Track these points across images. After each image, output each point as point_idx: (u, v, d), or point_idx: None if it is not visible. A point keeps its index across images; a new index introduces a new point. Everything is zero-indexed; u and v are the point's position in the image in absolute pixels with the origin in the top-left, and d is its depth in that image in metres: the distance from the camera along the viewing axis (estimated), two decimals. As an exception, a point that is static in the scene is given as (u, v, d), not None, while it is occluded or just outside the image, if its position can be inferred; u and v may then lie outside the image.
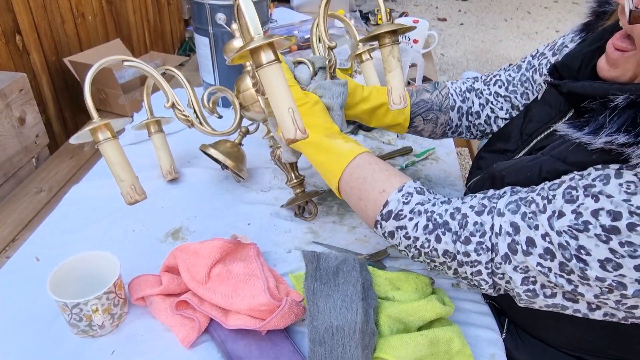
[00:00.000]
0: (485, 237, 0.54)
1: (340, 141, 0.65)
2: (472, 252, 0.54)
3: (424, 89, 0.84)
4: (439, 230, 0.57)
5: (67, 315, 0.60)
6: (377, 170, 0.63)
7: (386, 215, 0.60)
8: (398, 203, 0.60)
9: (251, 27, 0.57)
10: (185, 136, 1.06)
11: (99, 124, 0.61)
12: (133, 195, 0.61)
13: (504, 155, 0.71)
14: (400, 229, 0.59)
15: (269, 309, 0.60)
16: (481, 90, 0.84)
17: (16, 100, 1.38)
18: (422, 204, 0.59)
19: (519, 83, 0.80)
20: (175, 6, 2.99)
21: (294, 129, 0.55)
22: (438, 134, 0.85)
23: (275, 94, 0.56)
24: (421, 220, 0.58)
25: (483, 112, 0.83)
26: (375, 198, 0.61)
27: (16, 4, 1.67)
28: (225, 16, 1.07)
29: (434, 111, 0.82)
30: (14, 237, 1.20)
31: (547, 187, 0.52)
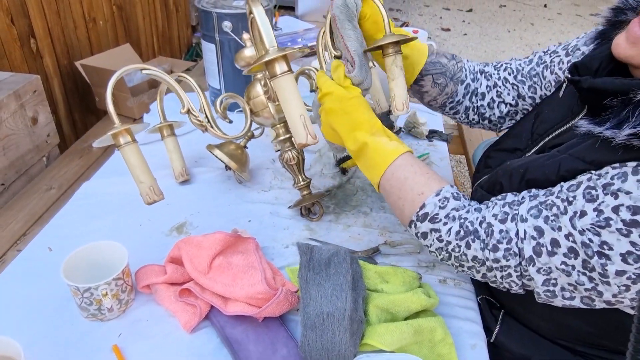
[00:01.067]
0: (512, 244, 0.57)
1: (384, 139, 0.67)
2: (501, 258, 0.58)
3: (444, 54, 0.84)
4: (469, 237, 0.60)
5: (78, 299, 0.64)
6: (417, 172, 0.65)
7: (422, 216, 0.63)
8: (435, 207, 0.63)
9: (266, 40, 0.62)
10: (192, 138, 1.11)
11: (120, 129, 0.65)
12: (152, 196, 0.66)
13: (514, 154, 0.74)
14: (434, 232, 0.63)
15: (265, 297, 0.64)
16: (490, 73, 0.85)
17: (30, 101, 1.44)
18: (457, 209, 0.62)
19: (527, 75, 0.82)
20: (183, 12, 3.06)
21: (305, 134, 0.60)
22: (438, 103, 0.85)
23: (288, 102, 0.61)
24: (454, 225, 0.61)
25: (488, 94, 0.84)
26: (413, 199, 0.64)
27: (31, 9, 1.73)
28: (232, 24, 1.12)
29: (445, 77, 0.82)
30: (24, 232, 1.25)
31: (566, 189, 0.55)
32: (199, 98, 0.82)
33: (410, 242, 0.82)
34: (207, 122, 0.83)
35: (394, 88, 0.72)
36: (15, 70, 1.67)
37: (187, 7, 3.12)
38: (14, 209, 1.33)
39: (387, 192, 0.68)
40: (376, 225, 0.87)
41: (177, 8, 2.96)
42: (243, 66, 0.89)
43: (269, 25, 0.70)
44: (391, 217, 0.90)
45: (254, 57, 0.87)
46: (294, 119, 0.64)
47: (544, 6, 5.37)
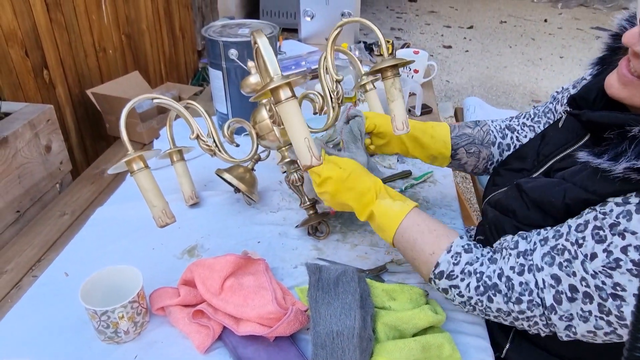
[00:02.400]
0: (534, 295, 0.59)
1: (388, 201, 0.70)
2: (526, 310, 0.60)
3: (466, 124, 0.90)
4: (490, 292, 0.62)
5: (95, 322, 0.67)
6: (425, 232, 0.68)
7: (438, 275, 0.66)
8: (448, 264, 0.65)
9: (270, 69, 0.65)
10: (201, 162, 1.15)
11: (133, 156, 0.68)
12: (164, 219, 0.69)
13: (520, 173, 0.76)
14: (453, 288, 0.65)
15: (276, 317, 0.66)
16: (514, 125, 0.90)
17: (43, 130, 1.49)
18: (470, 263, 0.64)
19: (542, 114, 0.87)
20: (189, 39, 3.15)
21: (309, 156, 0.62)
22: (481, 169, 0.90)
23: (292, 126, 0.64)
24: (472, 281, 0.63)
25: (512, 144, 0.89)
26: (426, 260, 0.67)
27: (45, 41, 1.80)
28: (237, 52, 1.16)
29: (476, 145, 0.87)
30: (39, 258, 1.28)
31: (574, 230, 0.57)
32: (207, 123, 0.85)
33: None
34: (215, 146, 0.86)
35: (394, 109, 0.76)
36: (29, 101, 1.72)
37: (193, 33, 3.20)
38: (28, 236, 1.37)
39: (401, 251, 0.71)
40: (382, 244, 0.89)
41: (183, 34, 3.04)
42: (248, 92, 0.93)
43: (272, 54, 0.73)
44: (397, 235, 0.91)
45: (258, 83, 0.91)
46: (298, 142, 0.67)
47: (544, 21, 5.44)
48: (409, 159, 1.17)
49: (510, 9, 5.91)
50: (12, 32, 1.65)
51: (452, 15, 5.64)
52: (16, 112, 1.46)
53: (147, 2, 2.53)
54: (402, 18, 5.44)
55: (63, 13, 1.89)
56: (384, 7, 5.83)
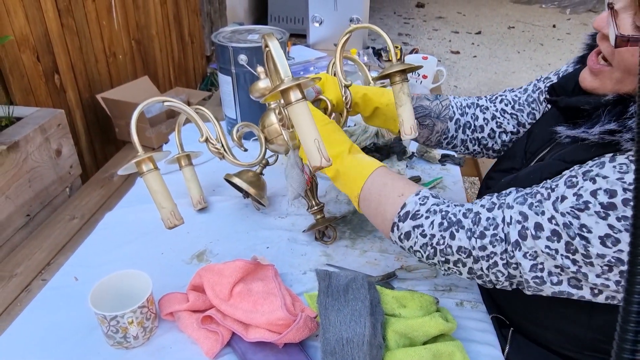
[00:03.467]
0: (499, 229, 0.59)
1: (362, 155, 0.73)
2: (487, 244, 0.60)
3: (425, 97, 0.90)
4: (453, 227, 0.63)
5: (105, 327, 0.67)
6: (396, 179, 0.70)
7: (404, 216, 0.66)
8: (415, 204, 0.66)
9: (281, 71, 0.66)
10: (209, 167, 1.15)
11: (143, 157, 0.69)
12: (172, 221, 0.69)
13: (510, 173, 0.77)
14: (416, 228, 0.65)
15: (285, 323, 0.66)
16: (486, 106, 0.90)
17: (54, 134, 1.50)
18: (437, 204, 0.66)
19: (525, 103, 0.87)
20: (198, 44, 3.17)
21: (319, 158, 0.63)
22: (433, 142, 0.91)
23: (302, 128, 0.64)
24: (436, 218, 0.64)
25: (487, 126, 0.89)
26: (394, 201, 0.67)
27: (56, 46, 1.82)
28: (247, 57, 1.17)
29: (431, 117, 0.88)
30: (49, 261, 1.29)
31: (550, 181, 0.59)
32: (215, 128, 0.85)
33: (427, 267, 0.83)
34: (223, 150, 0.86)
35: (402, 114, 0.76)
36: (40, 105, 1.74)
37: (202, 38, 3.23)
38: (38, 239, 1.37)
39: (367, 201, 0.71)
40: (392, 250, 0.89)
41: (192, 39, 3.07)
42: (257, 97, 0.93)
43: (283, 57, 0.74)
44: (407, 242, 0.91)
45: (267, 88, 0.91)
46: (308, 143, 0.67)
47: (552, 26, 5.42)
48: (418, 165, 1.17)
49: (518, 15, 5.89)
50: (24, 38, 1.67)
51: (460, 20, 5.64)
52: (27, 116, 1.48)
53: (157, 8, 2.55)
54: (409, 23, 5.44)
55: (74, 19, 1.91)
56: (392, 13, 5.84)
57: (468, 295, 0.79)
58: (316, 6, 1.98)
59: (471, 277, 0.65)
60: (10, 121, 1.43)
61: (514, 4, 6.39)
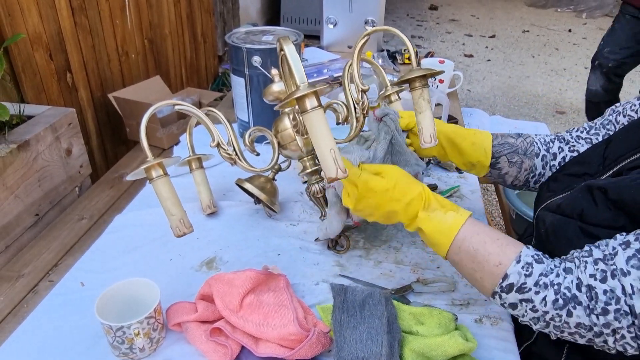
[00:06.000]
0: (621, 303, 0.53)
1: (438, 213, 0.65)
2: (612, 321, 0.54)
3: (509, 135, 0.86)
4: (569, 305, 0.56)
5: (110, 338, 0.64)
6: (487, 242, 0.62)
7: (507, 288, 0.60)
8: (519, 276, 0.59)
9: (297, 77, 0.63)
10: (220, 171, 1.13)
11: (152, 163, 0.66)
12: (182, 229, 0.66)
13: (582, 178, 0.72)
14: (525, 302, 0.59)
15: (297, 338, 0.63)
16: (564, 136, 0.86)
17: (65, 134, 1.49)
18: (545, 275, 0.58)
19: (600, 126, 0.83)
20: (210, 43, 3.16)
21: (335, 168, 0.59)
22: (521, 181, 0.86)
23: (317, 137, 0.61)
24: (549, 294, 0.57)
25: (560, 153, 0.84)
26: (491, 271, 0.61)
27: (69, 44, 1.81)
28: (261, 59, 1.15)
29: (518, 154, 0.84)
30: (56, 262, 1.27)
31: None
32: (227, 131, 0.83)
33: (444, 280, 0.80)
34: (235, 155, 0.84)
35: (422, 121, 0.73)
36: (51, 104, 1.73)
37: (214, 38, 3.21)
38: (46, 239, 1.36)
39: (458, 264, 0.65)
40: (408, 262, 0.85)
41: (205, 39, 3.05)
42: (271, 100, 0.91)
43: (299, 62, 0.71)
44: (423, 253, 0.88)
45: (282, 91, 0.89)
46: (324, 153, 0.64)
47: (568, 31, 5.34)
48: (434, 172, 1.14)
49: (533, 18, 5.82)
50: (37, 36, 1.66)
51: (474, 23, 5.58)
52: (38, 115, 1.47)
53: (170, 7, 2.54)
54: (422, 26, 5.40)
55: (88, 17, 1.91)
56: (405, 15, 5.80)
57: (487, 310, 0.76)
58: (331, 8, 1.96)
59: (590, 344, 0.59)
60: (22, 119, 1.42)
61: (529, 8, 6.31)
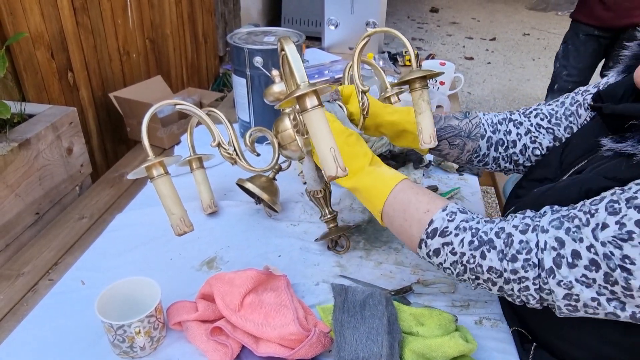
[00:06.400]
0: (532, 254, 0.56)
1: (384, 168, 0.70)
2: (519, 269, 0.57)
3: (454, 116, 0.87)
4: (484, 247, 0.59)
5: (111, 336, 0.64)
6: (420, 193, 0.67)
7: (431, 233, 0.63)
8: (443, 221, 0.63)
9: (297, 76, 0.63)
10: (221, 171, 1.13)
11: (154, 162, 0.67)
12: (182, 227, 0.67)
13: (542, 183, 0.73)
14: (446, 245, 0.62)
15: (298, 338, 0.63)
16: (520, 121, 0.86)
17: (66, 132, 1.49)
18: (466, 221, 0.62)
19: (563, 117, 0.82)
20: (211, 44, 3.16)
21: (335, 167, 0.60)
22: (464, 160, 0.88)
23: (318, 135, 0.61)
24: (466, 236, 0.61)
25: (520, 141, 0.85)
26: (420, 218, 0.64)
27: (70, 44, 1.81)
28: (262, 59, 1.15)
29: (461, 137, 0.85)
30: (56, 261, 1.27)
31: (589, 203, 0.55)
32: (228, 131, 0.83)
33: (444, 281, 0.80)
34: (235, 154, 0.84)
35: (421, 122, 0.73)
36: (53, 103, 1.73)
37: (215, 39, 3.22)
38: (46, 238, 1.36)
39: (391, 217, 0.68)
40: (408, 263, 0.86)
41: (206, 39, 3.06)
42: (272, 101, 0.91)
43: (300, 61, 0.71)
44: (423, 254, 0.88)
45: (282, 92, 0.89)
46: (324, 152, 0.64)
47: (568, 34, 5.34)
48: (435, 174, 1.14)
49: (534, 22, 5.83)
50: (39, 35, 1.66)
51: (474, 26, 5.59)
52: (40, 113, 1.47)
53: (171, 7, 2.55)
54: (423, 28, 5.41)
55: (90, 17, 1.91)
56: (405, 17, 5.81)
57: (487, 312, 0.76)
58: (332, 9, 1.96)
59: (501, 294, 0.62)
60: (23, 118, 1.42)
61: (530, 11, 6.33)
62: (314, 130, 0.64)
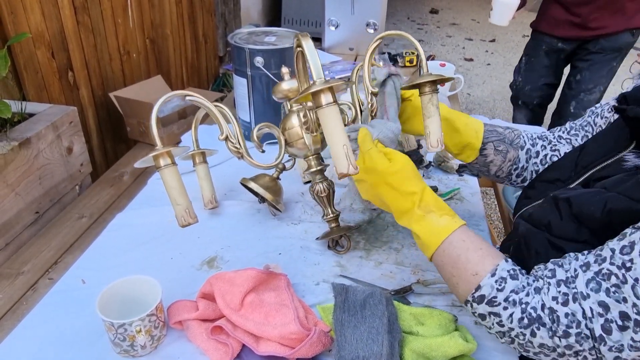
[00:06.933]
0: (582, 327, 0.54)
1: (434, 216, 0.65)
2: (574, 344, 0.55)
3: (497, 125, 0.87)
4: (534, 325, 0.57)
5: (112, 335, 0.64)
6: (470, 249, 0.63)
7: (478, 298, 0.60)
8: (492, 289, 0.60)
9: (314, 72, 0.63)
10: (223, 170, 1.13)
11: (161, 151, 0.67)
12: (187, 218, 0.67)
13: (554, 184, 0.73)
14: (493, 315, 0.60)
15: (298, 337, 0.63)
16: (547, 135, 0.88)
17: (66, 132, 1.49)
18: (516, 292, 0.59)
19: (580, 127, 0.85)
20: (211, 44, 3.16)
21: (346, 164, 0.60)
22: (504, 172, 0.86)
23: (331, 132, 0.62)
24: (516, 311, 0.58)
25: (542, 151, 0.85)
26: (467, 279, 0.62)
27: (71, 43, 1.81)
28: (263, 59, 1.15)
29: (505, 143, 0.84)
30: (56, 260, 1.28)
31: (619, 252, 0.53)
32: (234, 127, 0.84)
33: (444, 281, 0.80)
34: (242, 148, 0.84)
35: (429, 125, 0.73)
36: (53, 102, 1.73)
37: (215, 39, 3.22)
38: (46, 237, 1.36)
39: (440, 268, 0.67)
40: (408, 263, 0.86)
41: (206, 40, 3.06)
42: (280, 98, 0.91)
43: (317, 58, 0.71)
44: (423, 255, 0.88)
45: (291, 89, 0.89)
46: (337, 149, 0.64)
47: (568, 36, 5.35)
48: (435, 175, 1.14)
49: (534, 23, 5.83)
50: (40, 34, 1.66)
51: (474, 27, 5.60)
52: (40, 113, 1.47)
53: (172, 7, 2.55)
54: (423, 29, 5.41)
55: (90, 16, 1.91)
56: (405, 18, 5.81)
57: (487, 313, 0.76)
58: (333, 10, 1.96)
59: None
60: (23, 117, 1.42)
61: (530, 13, 6.33)
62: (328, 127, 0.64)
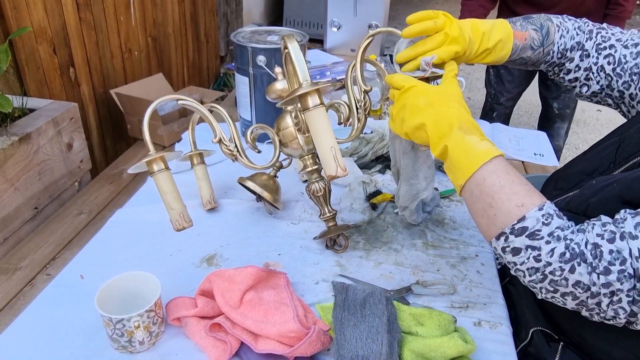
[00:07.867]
0: (627, 264, 0.51)
1: (474, 138, 0.60)
2: (614, 281, 0.52)
3: (530, 45, 0.77)
4: (575, 261, 0.54)
5: (110, 330, 0.64)
6: (516, 182, 0.58)
7: (519, 230, 0.56)
8: (537, 222, 0.56)
9: (300, 75, 0.63)
10: (222, 169, 1.13)
11: (154, 157, 0.67)
12: (181, 223, 0.67)
13: (591, 176, 0.70)
14: (531, 249, 0.56)
15: (297, 335, 0.63)
16: (589, 53, 0.78)
17: (66, 128, 1.49)
18: (562, 229, 0.56)
19: (628, 70, 0.74)
20: (213, 43, 3.16)
21: (335, 166, 0.60)
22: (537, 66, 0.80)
23: (319, 134, 0.62)
24: (559, 246, 0.55)
25: (575, 73, 0.78)
26: (509, 210, 0.57)
27: (72, 40, 1.81)
28: (265, 58, 1.15)
29: (528, 64, 0.79)
30: (54, 256, 1.27)
31: None
32: (230, 128, 0.84)
33: (443, 282, 0.80)
34: (236, 151, 0.84)
35: None
36: (54, 98, 1.73)
37: (217, 38, 3.22)
38: (45, 233, 1.36)
39: (474, 197, 0.61)
40: (408, 264, 0.86)
41: (208, 39, 3.06)
42: (274, 98, 0.91)
43: (303, 60, 0.71)
44: (423, 256, 0.88)
45: (284, 89, 0.89)
46: (324, 151, 0.64)
47: (569, 42, 5.36)
48: (435, 176, 1.14)
49: (535, 29, 5.84)
50: (42, 30, 1.66)
51: (476, 32, 5.60)
52: (41, 108, 1.47)
53: (174, 6, 2.55)
54: (424, 33, 5.41)
55: (92, 13, 1.91)
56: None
57: (486, 314, 0.76)
58: (335, 11, 1.97)
59: (577, 308, 0.57)
60: (24, 112, 1.42)
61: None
62: (315, 129, 0.65)
